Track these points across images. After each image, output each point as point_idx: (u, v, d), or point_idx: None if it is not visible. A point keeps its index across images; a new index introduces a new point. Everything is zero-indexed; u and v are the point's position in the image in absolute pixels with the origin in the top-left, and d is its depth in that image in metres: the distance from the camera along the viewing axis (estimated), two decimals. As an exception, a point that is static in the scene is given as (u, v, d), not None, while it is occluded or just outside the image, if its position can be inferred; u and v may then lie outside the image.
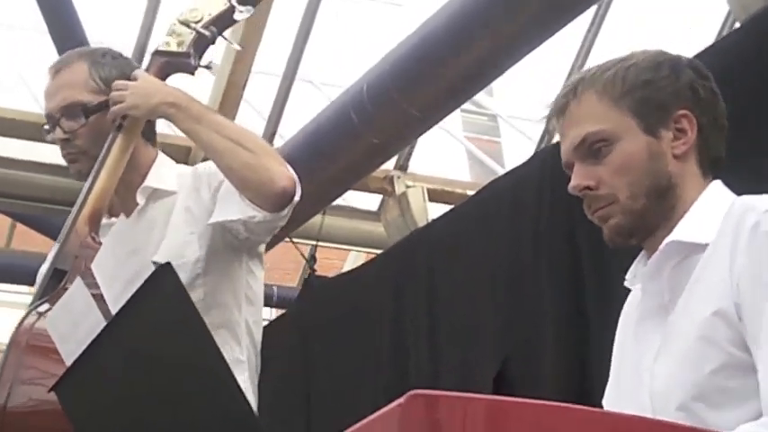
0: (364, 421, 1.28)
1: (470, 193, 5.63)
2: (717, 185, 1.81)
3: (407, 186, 6.38)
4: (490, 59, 4.68)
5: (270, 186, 2.45)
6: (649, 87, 1.79)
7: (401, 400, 1.21)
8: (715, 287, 1.67)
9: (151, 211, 2.63)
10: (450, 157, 8.98)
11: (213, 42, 2.61)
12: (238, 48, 2.64)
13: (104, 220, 2.60)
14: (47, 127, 2.64)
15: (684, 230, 1.75)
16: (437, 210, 6.22)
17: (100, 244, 2.41)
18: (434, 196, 6.56)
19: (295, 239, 6.67)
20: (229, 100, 6.33)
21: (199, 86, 7.10)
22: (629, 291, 1.92)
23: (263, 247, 2.70)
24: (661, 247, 1.77)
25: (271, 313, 8.12)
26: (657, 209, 1.78)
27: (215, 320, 2.59)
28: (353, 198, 7.33)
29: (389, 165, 6.83)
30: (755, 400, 1.61)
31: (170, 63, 2.59)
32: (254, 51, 6.20)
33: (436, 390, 4.14)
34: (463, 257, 4.82)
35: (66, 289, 2.23)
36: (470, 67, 4.71)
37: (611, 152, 1.78)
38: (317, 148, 5.53)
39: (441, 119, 5.32)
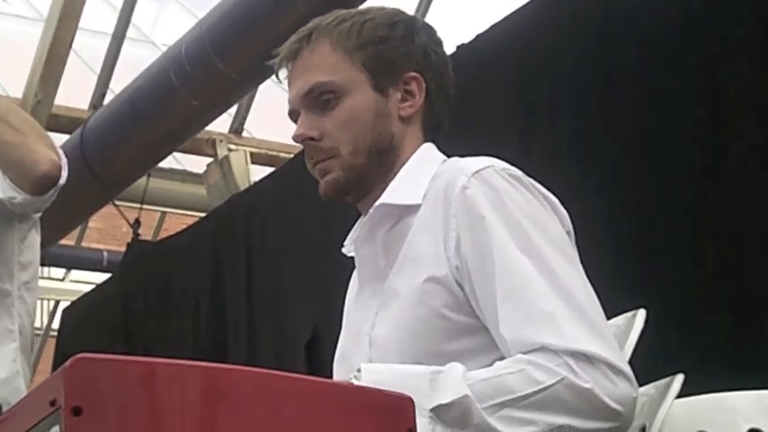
0: (39, 384, 1.26)
1: (294, 157, 5.58)
2: (427, 147, 1.78)
3: (230, 150, 6.31)
4: (308, 21, 4.62)
5: (31, 169, 2.38)
6: (383, 44, 1.76)
7: (67, 363, 1.19)
8: (429, 252, 1.65)
9: None
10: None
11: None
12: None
13: None
14: None
15: (393, 193, 1.72)
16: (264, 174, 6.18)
17: None
18: (259, 160, 6.50)
19: (121, 202, 6.58)
20: (55, 57, 6.21)
21: (25, 42, 6.93)
22: None
23: (38, 215, 2.65)
24: (371, 210, 1.74)
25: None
26: (376, 168, 1.74)
27: None
28: (186, 161, 7.23)
29: (224, 128, 6.75)
30: (474, 362, 1.59)
31: None
32: (79, 9, 6.09)
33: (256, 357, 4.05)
34: (278, 223, 4.80)
35: None
36: (288, 30, 4.64)
37: (338, 105, 1.74)
38: (139, 110, 5.44)
39: (261, 82, 5.26)
